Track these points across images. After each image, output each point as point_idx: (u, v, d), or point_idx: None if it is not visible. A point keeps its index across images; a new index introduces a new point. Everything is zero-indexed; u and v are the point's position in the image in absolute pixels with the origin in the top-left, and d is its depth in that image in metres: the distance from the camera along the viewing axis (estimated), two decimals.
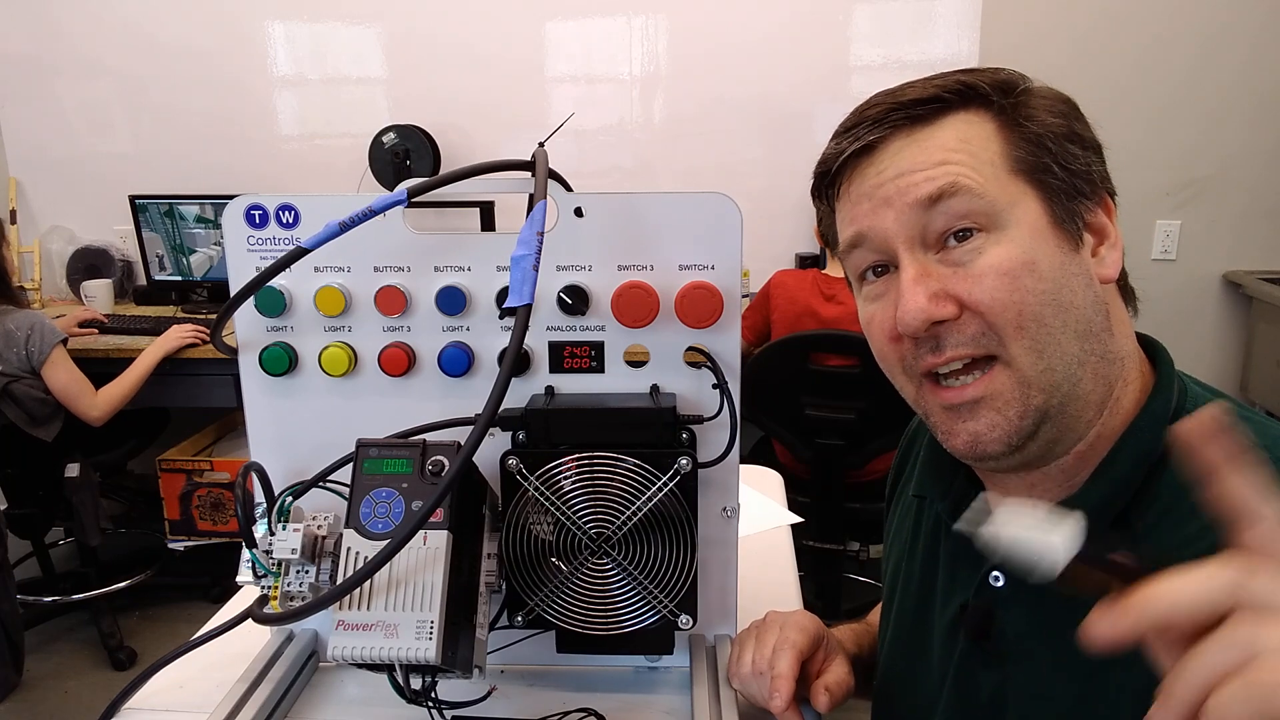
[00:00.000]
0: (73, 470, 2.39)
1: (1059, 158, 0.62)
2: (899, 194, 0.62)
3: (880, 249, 0.64)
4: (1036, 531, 0.43)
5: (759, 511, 1.29)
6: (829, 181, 0.68)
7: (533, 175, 0.74)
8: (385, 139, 2.92)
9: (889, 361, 0.67)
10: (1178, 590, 0.38)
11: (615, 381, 0.84)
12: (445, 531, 0.68)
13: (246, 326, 0.86)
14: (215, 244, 2.94)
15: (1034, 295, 0.59)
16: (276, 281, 0.82)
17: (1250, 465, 0.40)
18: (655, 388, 0.84)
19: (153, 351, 2.45)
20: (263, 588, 0.74)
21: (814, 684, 0.78)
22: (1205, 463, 0.40)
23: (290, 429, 0.87)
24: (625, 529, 0.78)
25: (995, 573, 0.67)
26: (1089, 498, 0.62)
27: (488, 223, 2.86)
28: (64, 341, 2.29)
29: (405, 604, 0.67)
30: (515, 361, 0.66)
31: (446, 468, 0.70)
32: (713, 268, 0.82)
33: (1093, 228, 0.64)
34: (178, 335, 2.49)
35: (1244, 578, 0.37)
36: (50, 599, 2.70)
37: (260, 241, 0.84)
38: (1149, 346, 0.68)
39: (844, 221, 0.67)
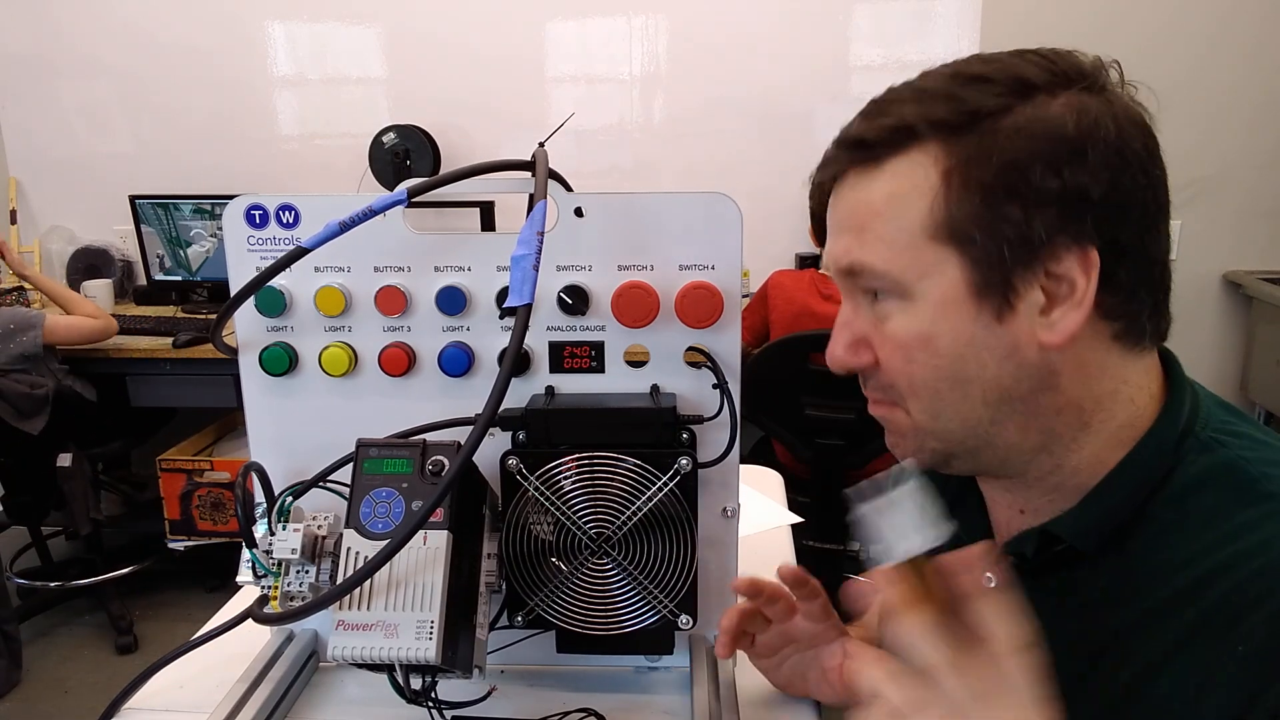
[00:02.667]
0: (65, 460, 2.41)
1: (1001, 214, 0.55)
2: (831, 247, 0.64)
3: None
4: (905, 521, 0.52)
5: (759, 511, 1.29)
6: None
7: (533, 175, 0.74)
8: (385, 139, 2.92)
9: None
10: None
11: (615, 381, 0.84)
12: (445, 531, 0.68)
13: (246, 326, 0.86)
14: (212, 235, 2.94)
15: (926, 370, 0.60)
16: (276, 281, 0.82)
17: (995, 596, 0.50)
18: (655, 388, 0.84)
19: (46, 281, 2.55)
20: (263, 588, 0.74)
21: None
22: (958, 587, 0.51)
23: (290, 429, 0.87)
24: (625, 529, 0.78)
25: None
26: (1083, 519, 0.62)
27: (488, 223, 2.86)
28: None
29: (405, 604, 0.67)
30: (515, 361, 0.66)
31: (446, 468, 0.70)
32: (713, 267, 0.82)
33: (1045, 289, 0.57)
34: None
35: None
36: (56, 584, 2.72)
37: (260, 241, 0.84)
38: (1165, 363, 0.64)
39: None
